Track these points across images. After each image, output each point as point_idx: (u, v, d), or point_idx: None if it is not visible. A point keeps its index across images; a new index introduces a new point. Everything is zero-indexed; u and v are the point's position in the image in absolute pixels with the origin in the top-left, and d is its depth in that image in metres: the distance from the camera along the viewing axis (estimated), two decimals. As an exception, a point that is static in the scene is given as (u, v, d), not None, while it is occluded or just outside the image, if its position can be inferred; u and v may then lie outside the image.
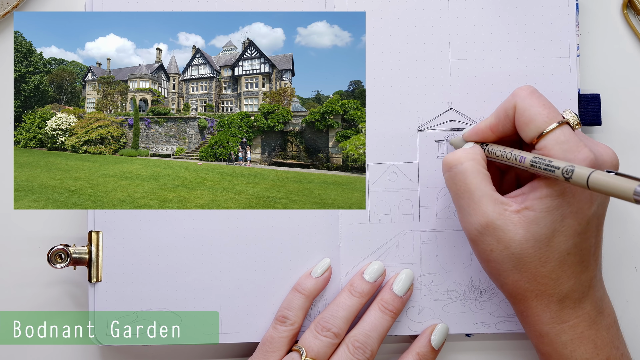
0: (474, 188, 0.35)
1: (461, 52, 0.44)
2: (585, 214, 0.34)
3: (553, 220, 0.34)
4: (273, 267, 0.43)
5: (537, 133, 0.34)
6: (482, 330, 0.44)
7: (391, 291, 0.42)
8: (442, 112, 0.44)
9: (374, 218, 0.44)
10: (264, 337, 0.42)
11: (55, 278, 0.45)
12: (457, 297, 0.44)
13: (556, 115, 0.35)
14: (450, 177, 0.37)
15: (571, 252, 0.35)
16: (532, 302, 0.36)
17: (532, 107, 0.35)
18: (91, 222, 0.43)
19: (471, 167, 0.36)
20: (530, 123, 0.35)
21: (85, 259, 0.43)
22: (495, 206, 0.35)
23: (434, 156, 0.44)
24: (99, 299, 0.43)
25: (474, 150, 0.37)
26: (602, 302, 0.37)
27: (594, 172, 0.30)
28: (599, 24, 0.47)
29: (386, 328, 0.41)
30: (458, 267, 0.44)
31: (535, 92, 0.36)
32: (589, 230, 0.35)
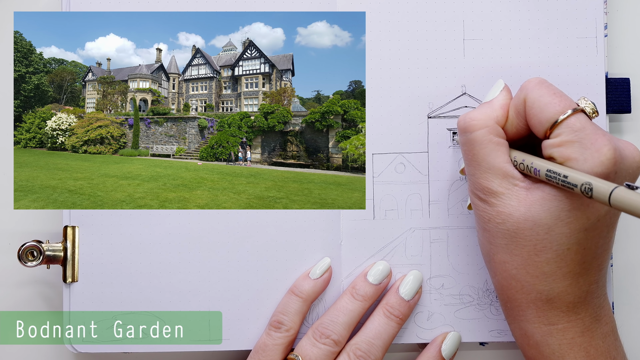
0: (480, 159, 0.35)
1: (476, 31, 0.42)
2: (597, 209, 0.33)
3: (559, 207, 0.33)
4: (267, 267, 0.42)
5: (549, 124, 0.33)
6: (498, 339, 0.43)
7: (397, 295, 0.41)
8: (454, 97, 0.42)
9: (379, 214, 0.43)
10: (256, 344, 0.41)
11: (27, 278, 0.44)
12: (471, 301, 0.42)
13: (569, 103, 0.33)
14: (462, 141, 0.36)
15: (572, 249, 0.33)
16: (517, 294, 0.35)
17: (542, 97, 0.34)
18: (67, 216, 0.42)
19: (481, 137, 0.35)
20: (541, 114, 0.33)
21: (60, 256, 0.41)
22: (503, 180, 0.34)
23: (445, 146, 0.43)
24: (74, 301, 0.41)
25: (490, 115, 0.35)
26: (600, 309, 0.35)
27: (617, 188, 0.29)
28: (629, 0, 0.45)
29: (391, 335, 0.40)
30: (472, 268, 0.43)
31: (545, 81, 0.35)
32: (597, 229, 0.33)
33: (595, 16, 0.42)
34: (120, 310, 0.41)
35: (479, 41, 0.42)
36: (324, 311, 0.42)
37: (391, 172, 0.42)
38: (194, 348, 0.41)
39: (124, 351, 0.41)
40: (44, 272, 0.44)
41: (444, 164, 0.42)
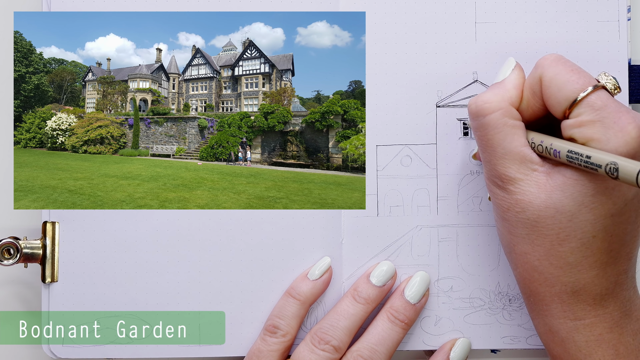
0: (496, 144, 0.34)
1: (489, 14, 0.41)
2: (623, 193, 0.32)
3: (582, 192, 0.32)
4: (262, 267, 0.41)
5: (568, 103, 0.32)
6: (511, 346, 0.42)
7: (402, 298, 0.40)
8: (465, 84, 0.41)
9: (383, 210, 0.42)
10: (250, 350, 0.40)
11: (2, 277, 0.43)
12: (482, 305, 0.42)
13: (589, 79, 0.32)
14: (474, 126, 0.35)
15: (598, 236, 0.32)
16: (541, 287, 0.34)
17: (558, 74, 0.33)
18: (46, 211, 0.41)
19: (495, 121, 0.34)
20: (559, 92, 0.32)
21: (39, 254, 0.40)
22: (520, 166, 0.33)
23: (455, 137, 0.42)
24: (53, 302, 0.40)
25: (503, 96, 0.34)
26: (630, 303, 0.35)
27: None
28: (654, -20, 0.45)
29: (396, 341, 0.39)
30: (483, 269, 0.42)
31: (561, 58, 0.34)
32: (625, 214, 0.33)
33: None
34: (102, 310, 0.40)
35: (492, 24, 0.41)
36: (323, 315, 0.41)
37: (396, 165, 0.42)
38: (182, 351, 0.41)
39: (107, 356, 0.40)
40: (21, 271, 0.43)
41: (453, 157, 0.41)
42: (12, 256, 0.39)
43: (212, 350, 0.41)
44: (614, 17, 0.41)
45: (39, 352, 0.42)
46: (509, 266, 0.40)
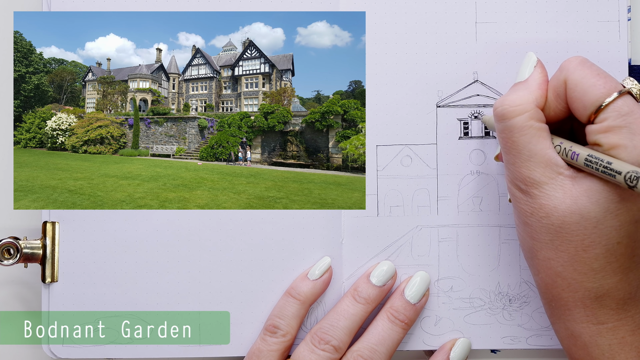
0: (521, 147, 0.33)
1: (489, 14, 0.41)
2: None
3: (608, 198, 0.32)
4: (262, 267, 0.41)
5: (594, 107, 0.32)
6: (511, 346, 0.42)
7: (403, 298, 0.40)
8: (466, 84, 0.41)
9: (383, 210, 0.41)
10: (250, 350, 0.40)
11: (2, 277, 0.43)
12: (482, 305, 0.41)
13: (615, 84, 0.32)
14: (499, 128, 0.35)
15: (622, 242, 0.32)
16: (564, 292, 0.34)
17: (584, 78, 0.32)
18: (46, 211, 0.41)
19: (521, 123, 0.33)
20: (585, 97, 0.32)
21: (39, 254, 0.40)
22: (546, 169, 0.33)
23: (455, 137, 0.41)
24: (53, 302, 0.40)
25: (529, 99, 0.34)
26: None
27: None
28: (654, -20, 0.44)
29: (396, 341, 0.39)
30: (483, 269, 0.42)
31: (586, 61, 0.34)
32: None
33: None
34: (102, 310, 0.40)
35: (492, 24, 0.41)
36: (323, 315, 0.41)
37: (397, 165, 0.41)
38: (181, 352, 0.41)
39: (108, 356, 0.40)
40: (21, 271, 0.42)
41: (453, 157, 0.41)
42: (12, 256, 0.39)
43: (214, 350, 0.40)
44: (614, 17, 0.41)
45: (39, 352, 0.42)
46: (509, 266, 0.40)
